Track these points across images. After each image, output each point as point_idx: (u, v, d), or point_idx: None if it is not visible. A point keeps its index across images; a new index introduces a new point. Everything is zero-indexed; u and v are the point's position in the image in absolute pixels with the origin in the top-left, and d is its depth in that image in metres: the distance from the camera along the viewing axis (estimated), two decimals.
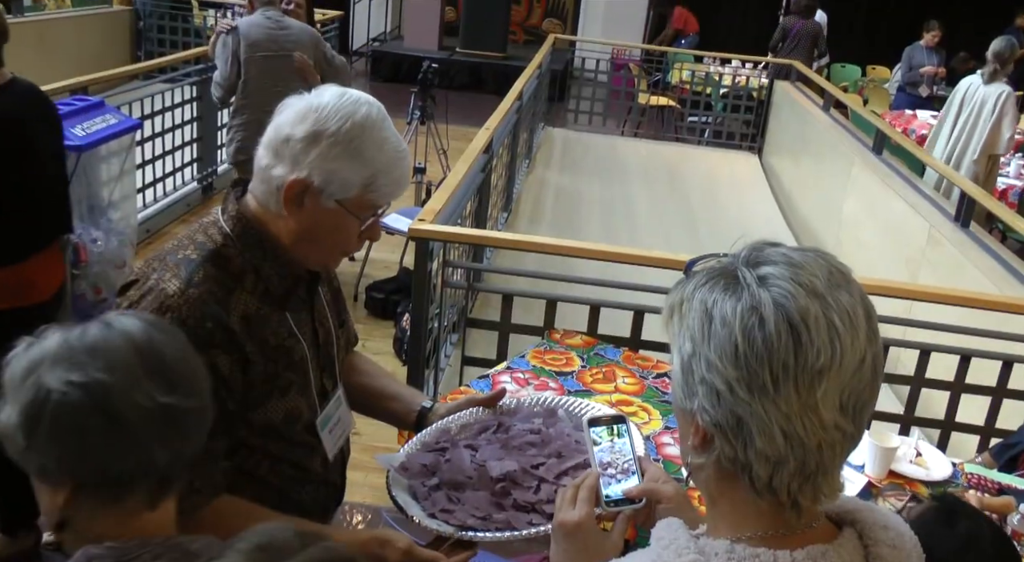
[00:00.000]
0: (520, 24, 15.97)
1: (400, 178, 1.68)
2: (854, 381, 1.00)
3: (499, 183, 6.89)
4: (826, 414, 0.99)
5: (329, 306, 1.91)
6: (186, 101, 7.21)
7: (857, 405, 1.02)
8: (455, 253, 4.44)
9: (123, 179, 5.20)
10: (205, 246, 1.65)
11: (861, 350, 1.00)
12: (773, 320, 0.98)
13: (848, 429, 1.01)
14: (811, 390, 0.98)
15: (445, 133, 6.88)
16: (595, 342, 3.37)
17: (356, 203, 1.64)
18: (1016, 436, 3.18)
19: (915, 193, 6.20)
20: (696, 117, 11.50)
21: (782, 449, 0.99)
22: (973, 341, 3.82)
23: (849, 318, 1.00)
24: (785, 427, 0.98)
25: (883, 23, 14.86)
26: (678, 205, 8.92)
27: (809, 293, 0.99)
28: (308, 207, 1.62)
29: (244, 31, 5.14)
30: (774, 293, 0.99)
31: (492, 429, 1.93)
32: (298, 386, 1.75)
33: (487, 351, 3.90)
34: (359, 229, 1.69)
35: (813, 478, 1.01)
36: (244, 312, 1.64)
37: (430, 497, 1.77)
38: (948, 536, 1.91)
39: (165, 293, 1.57)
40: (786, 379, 0.97)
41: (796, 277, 1.00)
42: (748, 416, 0.99)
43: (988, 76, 7.29)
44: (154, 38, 11.48)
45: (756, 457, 1.00)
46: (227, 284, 1.63)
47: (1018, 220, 4.99)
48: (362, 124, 1.61)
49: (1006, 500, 2.61)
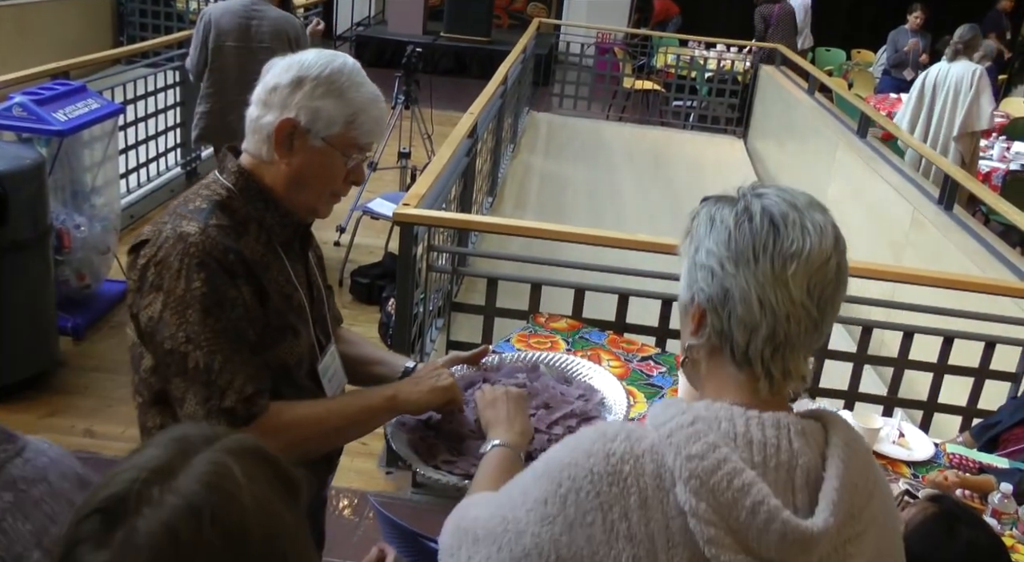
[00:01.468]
0: (504, 8, 15.91)
1: (379, 117, 1.82)
2: (820, 274, 1.22)
3: (484, 167, 6.88)
4: (795, 291, 1.21)
5: (318, 268, 2.01)
6: (169, 86, 7.16)
7: (823, 296, 1.23)
8: (440, 238, 4.44)
9: (106, 164, 5.16)
10: (211, 198, 1.76)
11: (827, 252, 1.23)
12: (759, 217, 1.24)
13: (813, 313, 1.22)
14: (784, 268, 1.21)
15: (430, 118, 6.85)
16: (580, 326, 3.37)
17: (341, 140, 1.76)
18: (996, 416, 3.20)
19: (899, 176, 6.23)
20: (681, 101, 11.50)
21: (757, 315, 1.22)
22: (956, 323, 3.85)
23: (820, 228, 1.23)
24: (760, 295, 1.21)
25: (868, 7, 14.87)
26: (663, 189, 8.93)
27: (790, 205, 1.25)
28: (297, 148, 1.75)
29: (216, 18, 5.05)
30: (764, 202, 1.26)
31: (478, 385, 1.98)
32: (303, 331, 1.85)
33: (472, 335, 3.91)
34: (345, 169, 1.80)
35: (782, 349, 1.23)
36: (251, 255, 1.74)
37: (431, 450, 1.86)
38: (948, 545, 1.93)
39: (187, 233, 1.67)
40: (764, 256, 1.22)
41: (782, 195, 1.27)
42: (733, 287, 1.23)
43: (951, 55, 7.40)
44: (136, 22, 11.38)
45: (736, 325, 1.23)
46: (236, 229, 1.74)
47: (1001, 202, 5.01)
48: (340, 69, 1.76)
49: (986, 479, 2.64)
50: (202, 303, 1.63)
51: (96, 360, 4.64)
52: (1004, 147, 8.13)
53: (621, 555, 1.19)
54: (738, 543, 1.17)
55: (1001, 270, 4.54)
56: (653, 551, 1.18)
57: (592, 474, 1.21)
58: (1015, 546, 2.40)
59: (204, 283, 1.63)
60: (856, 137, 7.15)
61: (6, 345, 4.13)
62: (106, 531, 0.86)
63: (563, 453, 1.27)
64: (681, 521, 1.18)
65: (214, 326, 1.64)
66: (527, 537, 1.24)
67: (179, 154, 7.37)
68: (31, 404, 4.19)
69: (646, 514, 1.19)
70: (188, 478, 0.89)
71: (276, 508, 0.93)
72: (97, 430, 4.07)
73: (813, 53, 12.97)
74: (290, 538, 0.94)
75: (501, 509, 1.31)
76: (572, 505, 1.22)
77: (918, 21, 10.42)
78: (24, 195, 4.02)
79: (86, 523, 0.87)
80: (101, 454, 3.81)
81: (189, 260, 1.64)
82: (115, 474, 0.90)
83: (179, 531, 0.86)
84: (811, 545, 1.18)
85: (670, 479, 1.19)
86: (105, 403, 4.27)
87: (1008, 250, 4.87)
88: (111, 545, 0.85)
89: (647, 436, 1.23)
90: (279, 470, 0.97)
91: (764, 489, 1.18)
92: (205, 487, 0.88)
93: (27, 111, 4.52)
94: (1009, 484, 2.55)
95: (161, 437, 0.95)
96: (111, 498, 0.87)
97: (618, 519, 1.19)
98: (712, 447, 1.19)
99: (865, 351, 3.87)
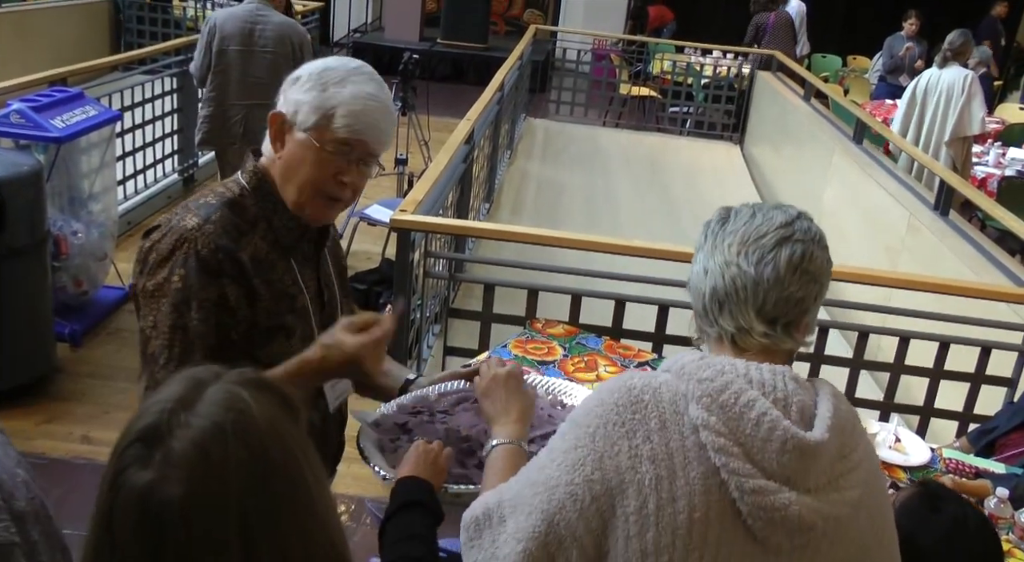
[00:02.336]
0: (501, 15, 15.92)
1: (361, 113, 1.75)
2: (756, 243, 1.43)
3: (481, 174, 6.89)
4: (727, 253, 1.43)
5: (334, 272, 2.02)
6: (166, 92, 7.15)
7: (762, 259, 1.42)
8: (437, 243, 4.45)
9: (103, 171, 5.16)
10: (223, 195, 1.81)
11: (765, 229, 1.44)
12: (716, 213, 1.52)
13: (747, 269, 1.42)
14: (722, 241, 1.45)
15: (427, 124, 6.87)
16: (577, 331, 3.38)
17: (319, 133, 1.75)
18: (993, 421, 3.21)
19: (895, 182, 6.23)
20: (677, 107, 11.51)
21: (703, 282, 1.45)
22: (952, 328, 3.85)
23: (767, 215, 1.46)
24: (705, 265, 1.46)
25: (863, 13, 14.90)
26: (659, 195, 8.93)
27: (756, 206, 1.51)
28: (287, 141, 1.78)
29: (220, 23, 5.10)
30: (741, 207, 1.52)
31: (471, 401, 1.98)
32: (302, 333, 1.85)
33: (469, 341, 3.91)
34: (330, 167, 1.77)
35: (727, 305, 1.43)
36: (254, 254, 1.78)
37: (396, 452, 1.85)
38: (933, 521, 1.94)
39: (184, 227, 1.73)
40: (710, 236, 1.48)
41: (756, 204, 1.53)
42: (692, 271, 1.49)
43: (941, 61, 7.42)
44: (134, 29, 11.38)
45: (694, 295, 1.48)
46: (241, 227, 1.78)
47: (996, 208, 5.02)
48: (335, 66, 1.78)
49: (982, 483, 2.64)
50: (173, 297, 1.71)
51: (93, 366, 4.64)
52: (1000, 153, 8.14)
53: (645, 477, 1.32)
54: (745, 454, 1.31)
55: (997, 275, 4.55)
56: (672, 468, 1.32)
57: (617, 406, 1.36)
58: (1012, 550, 2.40)
59: (182, 279, 1.70)
60: (852, 143, 7.17)
61: (4, 351, 4.12)
62: (147, 454, 1.00)
63: (587, 403, 1.43)
64: (695, 438, 1.33)
65: (176, 321, 1.71)
66: (560, 489, 1.35)
67: (176, 160, 7.36)
68: (28, 410, 4.18)
69: (665, 435, 1.33)
70: (207, 404, 1.03)
71: (286, 425, 1.08)
72: (94, 436, 4.06)
73: (809, 59, 12.99)
74: (301, 451, 1.08)
75: (526, 479, 1.42)
76: (601, 439, 1.35)
77: (913, 27, 10.44)
78: (22, 201, 4.02)
79: (129, 451, 1.01)
80: (97, 460, 3.80)
81: (177, 253, 1.71)
82: (145, 408, 1.04)
83: (207, 446, 1.00)
84: (809, 454, 1.33)
85: (684, 402, 1.35)
86: (102, 409, 4.26)
87: (1003, 255, 4.88)
88: (152, 466, 0.99)
89: (662, 374, 1.42)
90: (281, 395, 1.11)
91: (767, 404, 1.34)
92: (223, 409, 1.03)
93: (25, 118, 4.52)
94: (1005, 489, 2.56)
95: (175, 378, 1.09)
96: (146, 427, 1.01)
97: (641, 442, 1.33)
98: (720, 372, 1.36)
99: (861, 356, 3.87)
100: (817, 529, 1.33)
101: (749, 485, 1.30)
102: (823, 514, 1.33)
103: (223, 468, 1.00)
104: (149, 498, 0.98)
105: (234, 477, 1.00)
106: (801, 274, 1.43)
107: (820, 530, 1.34)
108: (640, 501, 1.31)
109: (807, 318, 1.47)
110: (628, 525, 1.31)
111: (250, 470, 1.01)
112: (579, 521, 1.33)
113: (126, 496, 0.99)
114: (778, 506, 1.30)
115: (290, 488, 1.05)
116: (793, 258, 1.42)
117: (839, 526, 1.36)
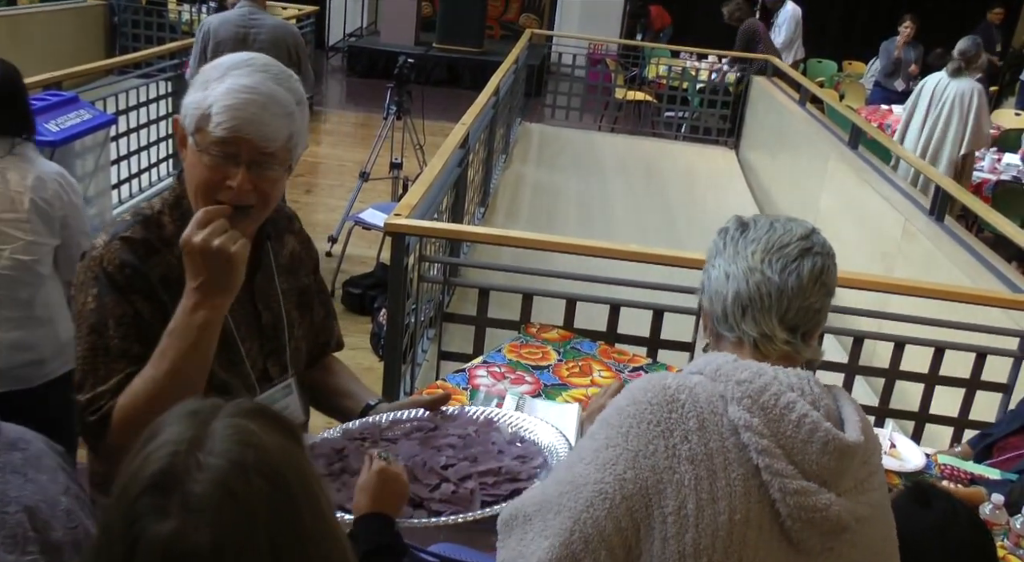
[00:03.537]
0: (497, 19, 15.92)
1: (235, 108, 1.58)
2: (779, 252, 1.46)
3: (476, 178, 6.88)
4: (751, 260, 1.46)
5: (286, 295, 1.89)
6: (161, 96, 7.15)
7: (786, 268, 1.45)
8: (432, 248, 4.44)
9: (98, 175, 5.15)
10: (142, 212, 1.73)
11: (788, 239, 1.48)
12: (732, 224, 1.55)
13: (772, 276, 1.45)
14: (745, 248, 1.48)
15: (422, 128, 6.85)
16: (571, 336, 3.37)
17: (201, 135, 1.61)
18: (994, 428, 3.21)
19: (890, 187, 6.23)
20: (673, 112, 11.51)
21: (725, 286, 1.47)
22: (947, 333, 3.85)
23: (787, 227, 1.50)
24: (727, 270, 1.48)
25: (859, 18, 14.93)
26: (655, 200, 8.93)
27: (772, 218, 1.55)
28: (186, 150, 1.67)
29: (214, 28, 5.09)
30: (757, 217, 1.56)
31: (426, 430, 1.91)
32: (226, 360, 1.74)
33: (463, 346, 3.90)
34: (218, 172, 1.61)
35: (750, 311, 1.45)
36: (166, 273, 1.68)
37: (326, 478, 1.76)
38: (924, 517, 1.93)
39: (93, 247, 1.68)
40: (731, 244, 1.51)
41: (770, 216, 1.57)
42: (709, 275, 1.52)
43: (952, 71, 7.43)
44: (129, 33, 11.37)
45: (714, 298, 1.49)
46: (152, 245, 1.69)
47: (992, 214, 5.02)
48: (222, 64, 1.65)
49: (976, 490, 2.64)
50: (89, 320, 1.65)
51: None
52: (995, 158, 8.15)
53: (684, 477, 1.31)
54: (786, 455, 1.33)
55: (992, 281, 4.54)
56: (712, 469, 1.32)
57: (651, 405, 1.36)
58: (1007, 557, 2.40)
59: (95, 299, 1.65)
60: (847, 148, 7.16)
61: None
62: (164, 502, 0.94)
63: (618, 403, 1.42)
64: (735, 439, 1.34)
65: (95, 343, 1.64)
66: (588, 488, 1.34)
67: (171, 165, 7.34)
68: None
69: (704, 435, 1.34)
70: (218, 441, 0.99)
71: (295, 450, 1.05)
72: None
73: (805, 64, 13.00)
74: (312, 475, 1.06)
75: (555, 479, 1.42)
76: (635, 437, 1.35)
77: (908, 31, 10.46)
78: None
79: (140, 501, 0.95)
80: None
81: (85, 274, 1.67)
82: (147, 455, 0.98)
83: (231, 485, 0.95)
84: (847, 454, 1.35)
85: (722, 403, 1.36)
86: None
87: (999, 261, 4.88)
88: (173, 513, 0.93)
89: (693, 375, 1.42)
90: (279, 420, 1.08)
91: (806, 405, 1.36)
92: (238, 445, 0.99)
93: None
94: (1000, 495, 2.55)
95: (172, 416, 1.04)
96: (157, 474, 0.96)
97: (679, 442, 1.33)
98: (757, 374, 1.38)
99: (856, 361, 3.87)
100: (850, 530, 1.35)
101: (792, 486, 1.31)
102: (856, 515, 1.36)
103: (249, 505, 0.96)
104: (174, 548, 0.93)
105: (261, 512, 0.97)
106: (820, 286, 1.47)
107: (851, 531, 1.36)
108: (679, 502, 1.31)
109: (819, 329, 1.50)
110: (666, 526, 1.31)
111: (274, 502, 0.98)
112: (607, 520, 1.32)
113: (147, 549, 0.93)
114: (820, 507, 1.32)
115: (310, 512, 1.03)
116: (815, 269, 1.46)
117: (862, 528, 1.38)
